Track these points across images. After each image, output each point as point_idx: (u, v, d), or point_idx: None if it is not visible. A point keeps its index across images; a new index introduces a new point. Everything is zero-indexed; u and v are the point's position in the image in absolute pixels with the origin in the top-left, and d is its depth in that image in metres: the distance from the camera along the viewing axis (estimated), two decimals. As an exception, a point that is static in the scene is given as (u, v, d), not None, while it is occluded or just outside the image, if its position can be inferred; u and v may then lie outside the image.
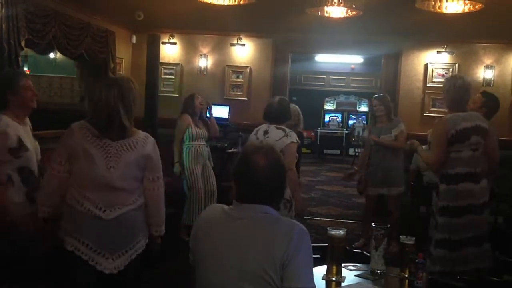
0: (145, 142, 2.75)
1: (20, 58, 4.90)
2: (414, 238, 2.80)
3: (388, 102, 5.58)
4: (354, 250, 3.16)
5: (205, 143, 5.76)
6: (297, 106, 5.39)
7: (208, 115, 5.90)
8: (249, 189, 1.94)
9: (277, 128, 4.01)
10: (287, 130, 4.01)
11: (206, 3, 4.75)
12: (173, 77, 7.95)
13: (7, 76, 3.48)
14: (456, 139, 3.55)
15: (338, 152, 15.10)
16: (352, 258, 2.88)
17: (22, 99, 3.24)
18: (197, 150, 5.62)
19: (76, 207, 2.63)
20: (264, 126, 4.12)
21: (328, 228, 2.68)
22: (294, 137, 3.97)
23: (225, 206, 2.01)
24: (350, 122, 15.79)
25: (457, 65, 7.41)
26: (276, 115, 4.07)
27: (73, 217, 2.65)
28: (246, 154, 1.99)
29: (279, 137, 3.92)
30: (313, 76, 15.94)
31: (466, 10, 4.49)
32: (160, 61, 6.66)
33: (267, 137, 3.98)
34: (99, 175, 2.61)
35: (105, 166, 2.61)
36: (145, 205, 2.79)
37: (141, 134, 2.78)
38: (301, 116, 5.43)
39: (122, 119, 2.65)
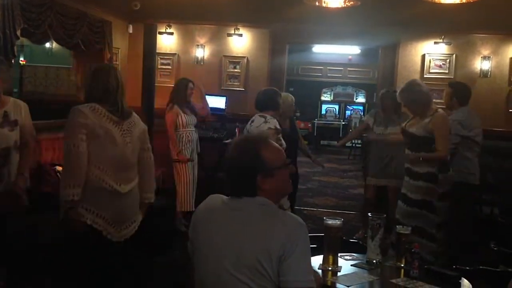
0: (139, 119, 3.10)
1: (15, 48, 4.86)
2: (410, 228, 2.82)
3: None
4: (351, 240, 3.17)
5: (194, 129, 5.82)
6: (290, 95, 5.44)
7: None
8: (228, 181, 1.96)
9: (259, 116, 4.27)
10: (268, 117, 4.21)
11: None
12: (170, 67, 7.92)
13: None
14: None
15: (335, 143, 15.09)
16: (348, 248, 2.90)
17: None
18: (187, 136, 5.70)
19: (96, 184, 2.81)
20: (254, 116, 4.40)
21: (324, 218, 2.69)
22: (272, 123, 4.15)
23: (224, 197, 2.00)
24: (347, 113, 15.80)
25: (454, 55, 7.41)
26: (260, 103, 4.37)
27: (92, 193, 2.81)
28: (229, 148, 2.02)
29: (259, 123, 4.19)
30: (310, 67, 15.91)
31: (464, 1, 4.48)
32: (157, 51, 6.61)
33: (251, 125, 4.29)
34: (120, 151, 2.89)
35: (123, 142, 2.91)
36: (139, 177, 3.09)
37: (135, 113, 3.10)
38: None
39: (122, 101, 2.94)
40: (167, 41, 7.87)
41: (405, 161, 4.22)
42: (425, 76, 7.46)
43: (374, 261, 2.73)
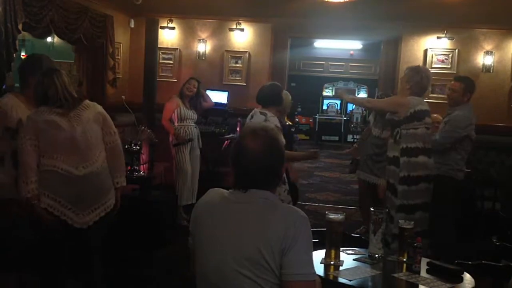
0: (94, 105, 3.21)
1: (17, 42, 4.85)
2: (412, 223, 2.81)
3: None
4: (352, 235, 3.18)
5: (194, 124, 5.94)
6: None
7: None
8: (242, 173, 1.92)
9: (260, 113, 4.12)
10: (268, 115, 4.06)
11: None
12: (171, 62, 7.90)
13: (34, 61, 3.49)
14: (414, 117, 4.03)
15: (337, 138, 15.11)
16: (350, 242, 2.90)
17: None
18: (185, 131, 5.80)
19: (50, 170, 2.94)
20: (253, 111, 4.24)
21: (327, 212, 2.68)
22: (273, 122, 4.01)
23: (225, 191, 1.99)
24: (349, 108, 15.79)
25: (457, 50, 7.37)
26: (264, 98, 4.19)
27: (48, 179, 2.97)
28: (239, 138, 1.98)
29: (259, 121, 4.00)
30: (312, 62, 15.89)
31: (467, -5, 4.46)
32: (159, 45, 6.61)
33: (251, 121, 4.14)
34: (68, 134, 3.00)
35: (70, 126, 3.01)
36: (107, 162, 3.19)
37: (89, 101, 3.22)
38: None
39: (73, 94, 3.09)
40: (169, 35, 7.85)
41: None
42: (427, 71, 7.44)
43: (376, 255, 2.73)
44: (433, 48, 7.44)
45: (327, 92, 16.16)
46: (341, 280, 2.44)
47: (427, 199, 4.09)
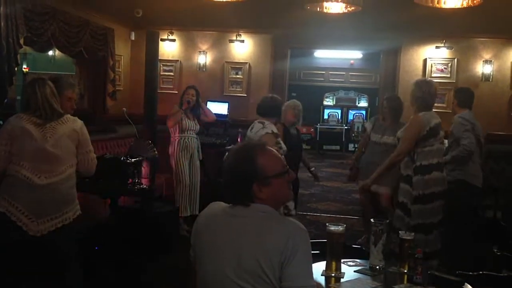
0: (74, 121, 3.28)
1: (19, 56, 4.89)
2: (413, 234, 2.81)
3: (398, 104, 5.49)
4: (353, 246, 3.17)
5: (195, 136, 5.99)
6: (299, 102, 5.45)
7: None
8: (225, 188, 1.96)
9: (258, 122, 4.26)
10: (266, 123, 4.20)
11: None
12: (172, 74, 7.94)
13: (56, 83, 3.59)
14: (430, 134, 3.96)
15: (338, 147, 15.11)
16: (351, 253, 2.89)
17: (61, 107, 3.42)
18: (186, 142, 5.85)
19: (13, 175, 3.05)
20: (254, 122, 4.37)
21: (327, 224, 2.68)
22: (270, 128, 4.15)
23: (225, 204, 2.00)
24: (350, 117, 15.82)
25: (456, 60, 7.40)
26: (264, 110, 4.33)
27: (9, 184, 3.07)
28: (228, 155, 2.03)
29: (257, 129, 4.19)
30: (312, 72, 15.93)
31: (465, 5, 4.47)
32: (159, 58, 6.64)
33: (251, 132, 4.28)
34: (38, 144, 3.08)
35: (42, 137, 3.10)
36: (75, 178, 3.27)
37: (70, 116, 3.30)
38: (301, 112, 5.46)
39: (53, 107, 3.18)
40: (170, 47, 7.89)
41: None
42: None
43: (377, 267, 2.73)
44: (432, 58, 7.47)
45: (328, 101, 16.19)
46: (342, 292, 2.44)
47: (441, 217, 4.04)
